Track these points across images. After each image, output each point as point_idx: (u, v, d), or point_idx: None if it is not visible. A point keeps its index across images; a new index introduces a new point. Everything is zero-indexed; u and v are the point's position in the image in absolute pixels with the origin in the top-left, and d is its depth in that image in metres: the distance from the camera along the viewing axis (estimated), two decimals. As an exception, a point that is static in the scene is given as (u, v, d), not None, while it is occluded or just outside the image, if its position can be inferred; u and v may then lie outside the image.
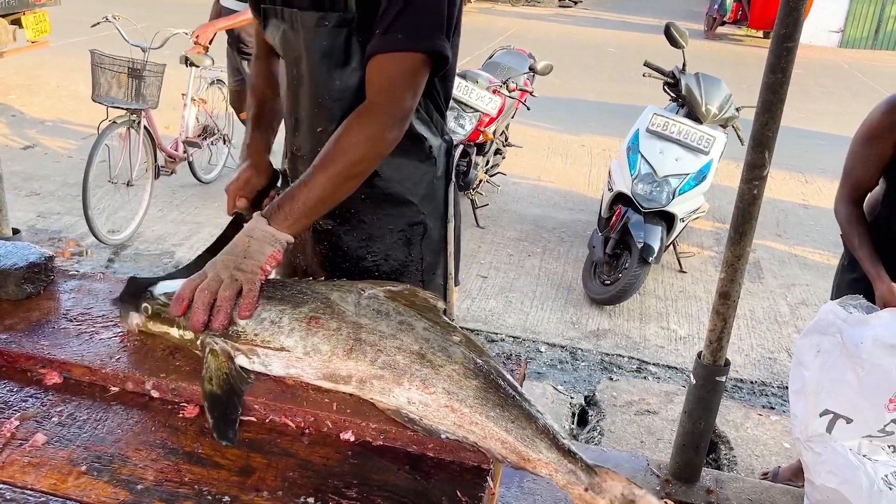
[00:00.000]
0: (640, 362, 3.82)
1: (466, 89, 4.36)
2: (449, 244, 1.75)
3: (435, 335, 1.17)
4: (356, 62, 1.46)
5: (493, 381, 1.12)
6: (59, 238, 4.71)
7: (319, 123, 1.56)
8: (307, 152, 1.60)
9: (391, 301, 1.23)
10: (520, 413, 1.10)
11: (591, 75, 11.24)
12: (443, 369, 1.12)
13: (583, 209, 5.81)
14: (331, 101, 1.52)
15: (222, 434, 1.12)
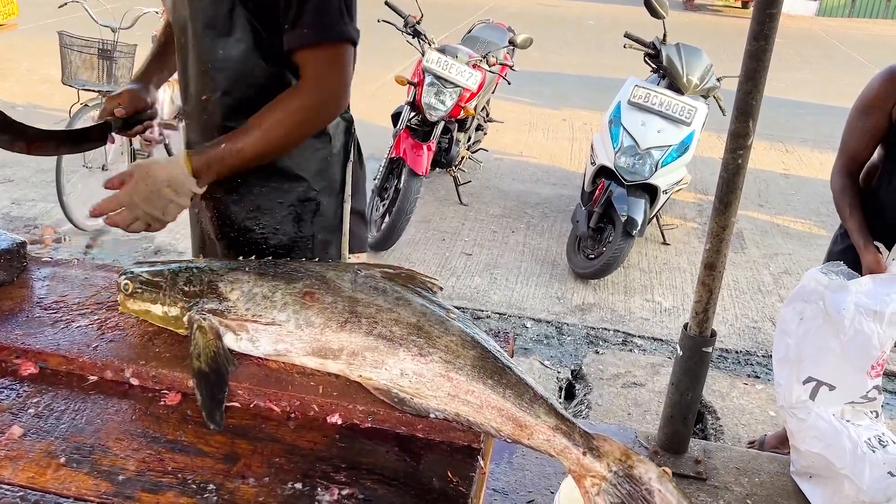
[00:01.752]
0: (626, 335, 3.82)
1: (446, 64, 4.30)
2: (344, 223, 1.76)
3: (433, 309, 1.17)
4: (239, 33, 1.48)
5: (489, 352, 1.12)
6: (35, 225, 4.62)
7: (204, 91, 1.58)
8: (195, 119, 1.64)
9: (388, 280, 1.22)
10: (517, 380, 1.09)
11: (570, 48, 11.18)
12: (440, 340, 1.12)
13: (566, 184, 5.79)
14: (214, 70, 1.54)
15: (211, 415, 1.09)
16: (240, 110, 1.54)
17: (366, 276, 1.22)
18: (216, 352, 1.17)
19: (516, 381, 1.09)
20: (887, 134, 2.28)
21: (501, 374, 1.09)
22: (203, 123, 1.61)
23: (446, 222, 4.96)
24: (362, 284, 1.20)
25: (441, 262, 4.42)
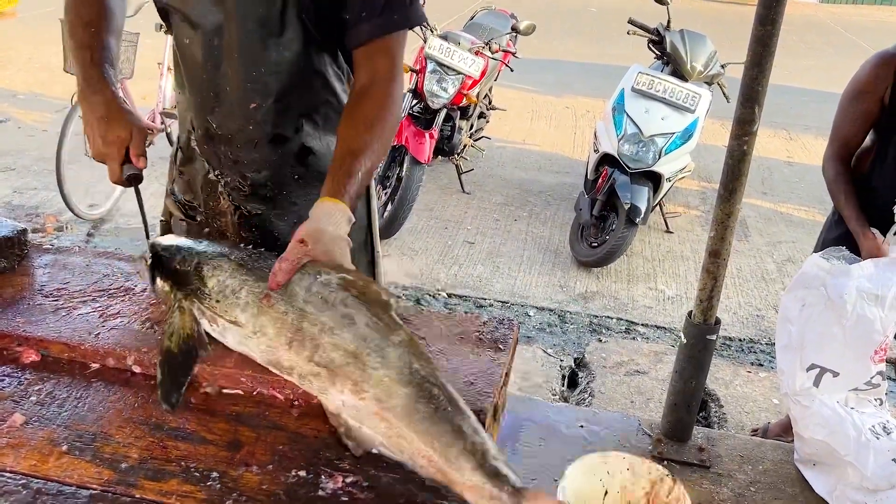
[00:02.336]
0: (629, 323, 3.82)
1: (448, 51, 4.27)
2: (373, 220, 1.74)
3: (375, 333, 1.04)
4: (292, 32, 1.40)
5: (426, 389, 0.98)
6: (37, 214, 4.62)
7: (252, 99, 1.46)
8: (235, 131, 1.50)
9: (342, 290, 1.09)
10: (449, 428, 0.94)
11: (573, 36, 11.12)
12: (375, 373, 0.99)
13: (568, 172, 5.76)
14: (266, 75, 1.43)
15: (166, 396, 1.09)
16: (289, 115, 1.48)
17: (322, 282, 1.11)
18: (189, 335, 1.15)
19: (446, 430, 0.94)
20: (879, 119, 2.28)
21: (432, 420, 0.95)
22: (249, 135, 1.49)
23: (448, 210, 4.95)
24: (315, 294, 1.09)
25: (443, 250, 4.41)
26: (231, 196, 1.57)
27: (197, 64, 1.47)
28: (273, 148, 1.51)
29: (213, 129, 1.51)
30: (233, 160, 1.53)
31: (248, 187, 1.55)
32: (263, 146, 1.50)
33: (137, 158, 1.35)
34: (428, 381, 0.99)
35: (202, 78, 1.47)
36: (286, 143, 1.52)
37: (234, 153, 1.52)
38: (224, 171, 1.55)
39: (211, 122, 1.51)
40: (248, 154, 1.51)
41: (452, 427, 0.94)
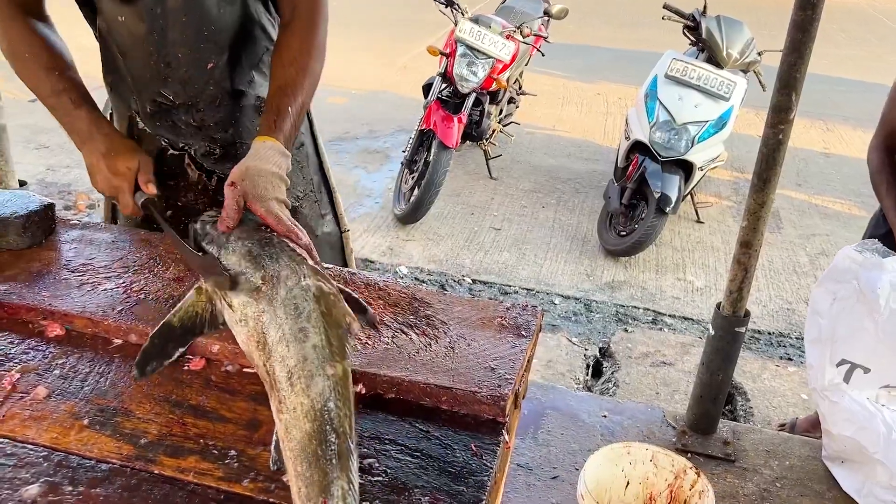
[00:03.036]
0: (656, 314, 3.77)
1: (479, 34, 4.23)
2: (323, 158, 1.81)
3: (315, 358, 0.97)
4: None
5: (325, 433, 0.89)
6: (69, 191, 4.68)
7: (208, 59, 1.47)
8: (195, 95, 1.49)
9: (314, 301, 1.03)
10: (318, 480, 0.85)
11: (607, 21, 10.97)
12: (294, 399, 0.93)
13: (598, 159, 5.70)
14: (217, 32, 1.45)
15: (141, 363, 1.09)
16: (242, 69, 1.52)
17: (302, 287, 1.05)
18: (197, 314, 1.14)
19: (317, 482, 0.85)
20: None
21: (310, 465, 0.86)
22: (211, 95, 1.51)
23: (475, 196, 4.92)
24: (291, 298, 1.04)
25: (469, 236, 4.39)
26: (204, 163, 1.59)
27: (139, 38, 1.44)
28: (234, 104, 1.55)
29: (168, 100, 1.50)
30: (196, 126, 1.54)
31: (220, 149, 1.58)
32: (226, 104, 1.53)
33: (146, 185, 1.38)
34: (331, 425, 0.90)
35: (148, 51, 1.45)
36: (244, 97, 1.56)
37: (199, 118, 1.53)
38: (189, 141, 1.57)
39: (166, 94, 1.50)
40: (213, 115, 1.53)
41: (323, 481, 0.84)
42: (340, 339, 0.99)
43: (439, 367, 1.11)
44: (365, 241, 4.19)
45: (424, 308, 1.27)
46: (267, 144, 1.32)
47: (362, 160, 5.40)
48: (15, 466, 0.94)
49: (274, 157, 1.31)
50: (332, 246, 1.85)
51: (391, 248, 4.16)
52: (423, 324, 1.22)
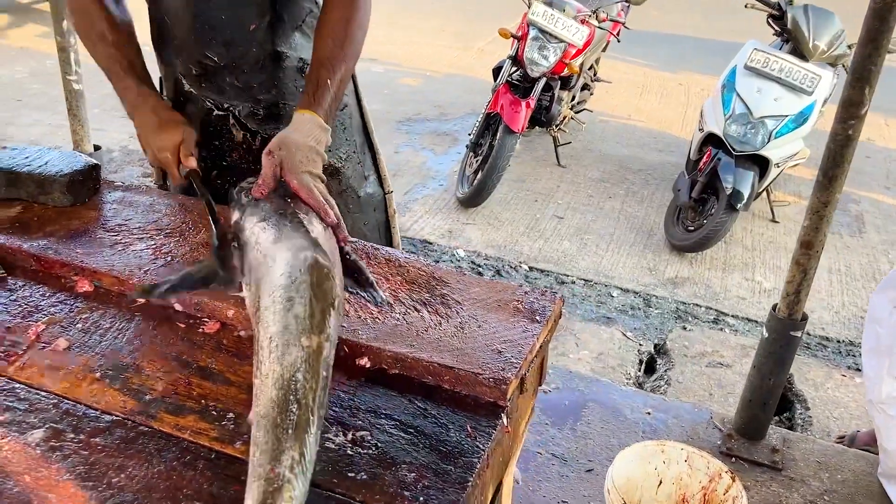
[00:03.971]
0: (718, 313, 3.64)
1: (552, 17, 4.15)
2: (367, 120, 1.80)
3: (295, 327, 0.95)
4: None
5: (287, 403, 0.87)
6: (148, 159, 4.86)
7: (251, 20, 1.49)
8: (239, 56, 1.52)
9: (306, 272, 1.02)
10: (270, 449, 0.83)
11: (693, 8, 10.58)
12: (268, 365, 0.92)
13: (673, 151, 5.53)
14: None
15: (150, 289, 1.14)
16: (284, 31, 1.53)
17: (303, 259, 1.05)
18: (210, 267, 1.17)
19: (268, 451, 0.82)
20: None
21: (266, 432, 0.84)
22: (254, 57, 1.53)
23: (541, 183, 4.85)
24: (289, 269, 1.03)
25: (530, 223, 4.34)
26: (246, 124, 1.60)
27: (183, 1, 1.48)
28: (277, 65, 1.56)
29: (213, 62, 1.53)
30: (241, 87, 1.56)
31: (263, 110, 1.59)
32: (268, 65, 1.55)
33: (187, 159, 1.42)
34: (295, 395, 0.88)
35: (192, 14, 1.49)
36: (286, 59, 1.57)
37: (243, 79, 1.55)
38: (233, 102, 1.58)
39: (210, 56, 1.53)
40: (255, 76, 1.55)
41: (275, 449, 0.82)
42: (323, 313, 0.98)
43: (445, 347, 1.10)
44: (425, 223, 4.20)
45: (441, 287, 1.25)
46: (306, 117, 1.34)
47: (430, 142, 5.40)
48: (25, 411, 0.98)
49: (313, 130, 1.33)
50: (375, 207, 1.85)
51: (450, 230, 4.16)
52: (437, 302, 1.21)
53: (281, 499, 0.77)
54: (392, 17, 8.57)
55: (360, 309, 1.18)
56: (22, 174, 1.42)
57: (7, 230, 1.35)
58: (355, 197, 1.77)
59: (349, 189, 1.75)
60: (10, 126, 5.08)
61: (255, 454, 0.83)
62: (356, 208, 1.77)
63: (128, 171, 4.66)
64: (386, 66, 6.98)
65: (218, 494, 0.88)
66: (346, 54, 1.43)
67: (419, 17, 9.02)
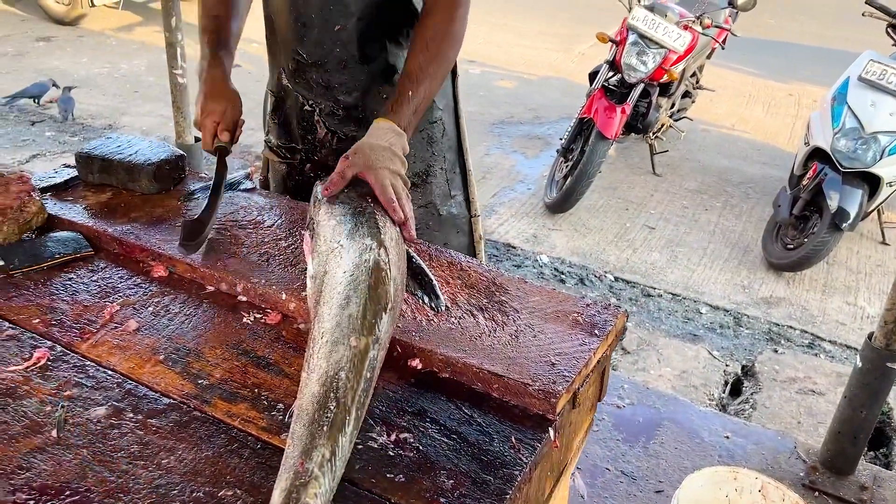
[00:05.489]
0: (814, 337, 3.44)
1: (652, 23, 4.03)
2: (464, 140, 1.77)
3: (346, 326, 0.97)
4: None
5: (327, 400, 0.88)
6: (249, 151, 5.05)
7: (336, 21, 1.50)
8: (323, 55, 1.54)
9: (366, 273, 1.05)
10: (304, 445, 0.84)
11: (811, 15, 10.07)
12: (316, 360, 0.94)
13: (778, 164, 5.27)
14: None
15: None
16: (372, 36, 1.53)
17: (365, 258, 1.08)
18: None
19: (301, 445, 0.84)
20: None
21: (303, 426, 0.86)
22: (337, 58, 1.54)
23: (634, 191, 4.73)
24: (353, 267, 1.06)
25: (619, 231, 4.24)
26: (326, 122, 1.63)
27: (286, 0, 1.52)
28: (360, 68, 1.56)
29: (303, 58, 1.57)
30: (324, 86, 1.58)
31: (342, 111, 1.61)
32: (351, 67, 1.55)
33: (221, 133, 1.48)
34: (335, 394, 0.89)
35: (290, 10, 1.53)
36: (372, 63, 1.57)
37: (326, 78, 1.57)
38: (318, 100, 1.61)
39: (301, 53, 1.56)
40: (338, 77, 1.56)
41: (308, 444, 0.84)
42: (376, 316, 0.99)
43: (498, 354, 1.08)
44: (510, 227, 4.17)
45: (500, 293, 1.24)
46: (381, 125, 1.35)
47: (522, 145, 5.36)
48: (92, 388, 1.03)
49: (387, 135, 1.34)
50: (458, 229, 1.82)
51: (535, 235, 4.11)
52: (495, 309, 1.19)
53: (306, 494, 0.78)
54: (494, 18, 8.57)
55: (416, 310, 1.18)
56: (114, 162, 1.50)
57: (97, 214, 1.43)
58: (436, 214, 1.74)
59: (431, 205, 1.73)
60: (125, 115, 5.39)
61: (290, 445, 0.84)
62: (436, 226, 1.75)
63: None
64: (484, 67, 6.98)
65: (259, 484, 0.89)
66: (434, 70, 1.42)
67: (521, 19, 8.98)
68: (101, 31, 7.32)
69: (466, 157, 1.81)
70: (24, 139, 4.86)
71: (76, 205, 1.46)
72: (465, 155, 1.81)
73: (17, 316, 1.16)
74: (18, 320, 1.15)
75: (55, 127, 5.08)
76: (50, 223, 1.41)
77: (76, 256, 1.31)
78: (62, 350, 1.09)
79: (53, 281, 1.25)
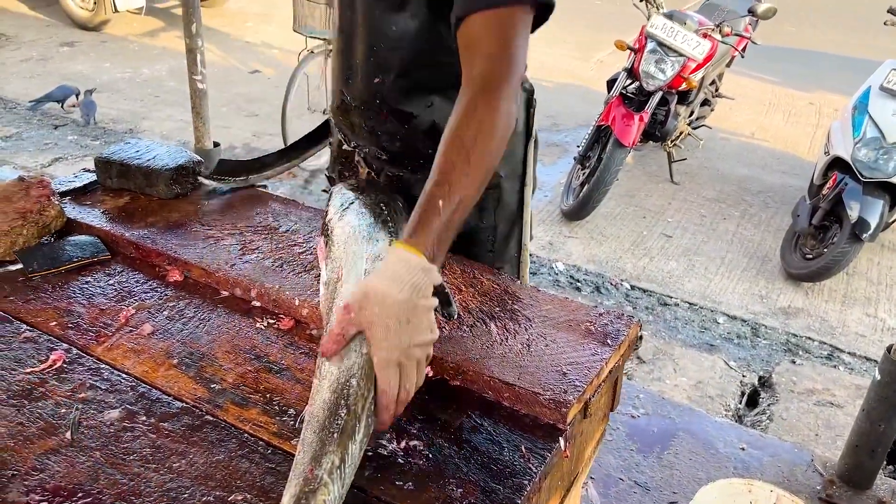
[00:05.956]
0: (833, 349, 3.41)
1: (671, 30, 4.02)
2: (526, 211, 1.55)
3: None
4: (413, 8, 1.28)
5: (337, 406, 0.88)
6: (268, 156, 5.08)
7: (376, 73, 1.38)
8: (364, 103, 1.43)
9: None
10: (312, 452, 0.84)
11: (836, 24, 9.98)
12: (328, 367, 0.93)
13: (798, 174, 5.23)
14: (386, 50, 1.34)
15: None
16: (416, 91, 1.39)
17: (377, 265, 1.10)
18: None
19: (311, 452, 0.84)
20: None
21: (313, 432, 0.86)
22: (375, 108, 1.43)
23: (651, 199, 4.71)
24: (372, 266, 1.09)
25: (636, 239, 4.22)
26: (372, 164, 1.53)
27: (339, 33, 1.44)
28: (400, 123, 1.42)
29: (347, 100, 1.47)
30: (368, 130, 1.47)
31: (387, 155, 1.49)
32: (392, 120, 1.42)
33: None
34: (346, 400, 0.88)
35: (340, 48, 1.45)
36: (414, 119, 1.41)
37: (369, 125, 1.46)
38: (361, 143, 1.52)
39: (346, 94, 1.47)
40: (380, 125, 1.45)
41: (318, 451, 0.84)
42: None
43: (509, 363, 1.08)
44: (527, 233, 4.17)
45: (513, 302, 1.24)
46: (402, 256, 0.98)
47: (539, 152, 5.33)
48: (106, 391, 1.04)
49: (409, 275, 0.96)
50: None
51: (551, 242, 4.10)
52: (507, 317, 1.19)
53: (315, 500, 0.79)
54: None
55: (428, 318, 1.18)
56: (132, 167, 1.52)
57: (114, 218, 1.45)
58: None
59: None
60: (145, 120, 5.45)
61: (300, 451, 0.85)
62: None
63: (247, 167, 4.89)
64: (502, 74, 6.98)
65: (268, 489, 0.90)
66: (473, 174, 1.09)
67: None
68: (124, 37, 7.41)
69: (524, 230, 1.57)
70: (47, 143, 4.93)
71: (94, 209, 1.48)
72: (523, 229, 1.57)
73: (34, 318, 1.18)
74: (36, 323, 1.17)
75: (77, 131, 5.15)
76: (69, 227, 1.42)
77: (93, 260, 1.33)
78: (78, 353, 1.11)
79: (71, 284, 1.27)
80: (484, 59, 1.15)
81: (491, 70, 1.15)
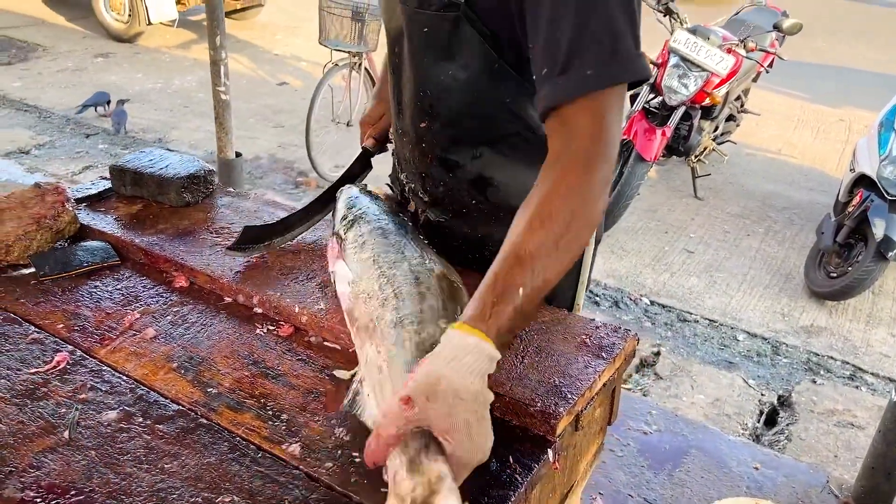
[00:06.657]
0: (856, 369, 3.35)
1: (694, 45, 4.00)
2: (584, 271, 1.43)
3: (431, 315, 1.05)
4: (463, 59, 1.18)
5: None
6: (293, 168, 5.15)
7: (422, 118, 1.30)
8: (412, 140, 1.36)
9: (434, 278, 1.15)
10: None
11: (867, 40, 9.84)
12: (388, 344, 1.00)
13: (825, 191, 5.16)
14: (433, 97, 1.26)
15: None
16: (464, 141, 1.30)
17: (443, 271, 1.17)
18: None
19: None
20: None
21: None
22: (420, 151, 1.35)
23: (674, 214, 4.68)
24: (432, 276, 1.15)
25: (657, 255, 4.19)
26: (415, 201, 1.47)
27: (390, 70, 1.37)
28: (444, 171, 1.34)
29: (400, 131, 1.40)
30: (415, 169, 1.40)
31: (429, 196, 1.40)
32: (435, 165, 1.34)
33: (366, 137, 1.56)
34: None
35: (391, 83, 1.38)
36: (459, 169, 1.32)
37: (414, 162, 1.39)
38: (409, 175, 1.45)
39: (399, 125, 1.40)
40: (423, 167, 1.37)
41: None
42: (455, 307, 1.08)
43: (501, 373, 1.08)
44: (546, 247, 4.16)
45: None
46: (469, 342, 0.88)
47: (563, 166, 5.35)
48: (106, 392, 1.07)
49: (479, 364, 0.87)
50: None
51: (571, 256, 4.09)
52: (503, 328, 1.20)
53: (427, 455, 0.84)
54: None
55: (425, 327, 1.19)
56: (145, 175, 1.56)
57: (126, 225, 1.48)
58: None
59: None
60: (174, 130, 5.56)
61: None
62: None
63: (272, 178, 4.96)
64: (528, 88, 7.00)
65: (256, 491, 0.91)
66: (553, 253, 0.96)
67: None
68: (156, 48, 7.57)
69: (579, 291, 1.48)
70: (79, 151, 5.05)
71: (108, 215, 1.52)
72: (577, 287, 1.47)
73: (42, 320, 1.21)
74: (44, 325, 1.20)
75: (108, 140, 5.27)
76: (82, 232, 1.46)
77: (103, 265, 1.36)
78: (81, 355, 1.13)
79: (80, 288, 1.30)
80: (581, 137, 1.02)
81: (588, 148, 1.01)
